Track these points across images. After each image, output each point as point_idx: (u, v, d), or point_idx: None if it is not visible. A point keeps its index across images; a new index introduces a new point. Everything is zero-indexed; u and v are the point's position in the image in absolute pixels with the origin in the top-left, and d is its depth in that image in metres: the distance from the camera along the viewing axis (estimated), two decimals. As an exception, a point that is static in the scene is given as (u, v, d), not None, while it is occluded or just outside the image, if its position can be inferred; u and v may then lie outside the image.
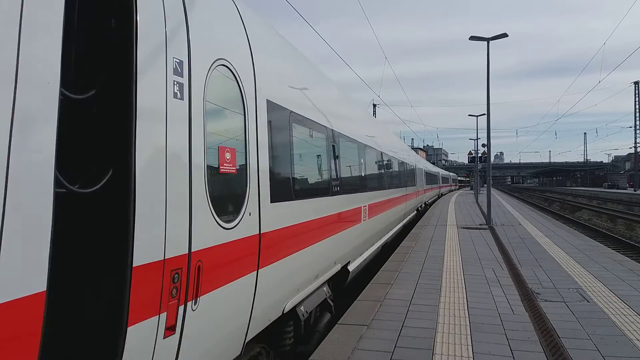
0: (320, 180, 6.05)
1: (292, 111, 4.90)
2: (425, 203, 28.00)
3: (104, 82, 2.44)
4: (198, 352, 3.10)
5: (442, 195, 50.16)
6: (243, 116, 3.71)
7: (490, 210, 18.42)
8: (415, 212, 21.33)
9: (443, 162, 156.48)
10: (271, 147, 4.21)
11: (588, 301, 6.70)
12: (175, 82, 2.81)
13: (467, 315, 6.02)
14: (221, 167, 3.34)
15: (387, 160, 12.24)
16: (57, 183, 2.05)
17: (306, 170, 5.44)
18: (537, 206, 37.84)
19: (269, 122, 4.21)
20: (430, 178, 32.86)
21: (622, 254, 11.65)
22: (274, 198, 4.20)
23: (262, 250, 3.90)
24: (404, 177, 15.77)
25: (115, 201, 2.43)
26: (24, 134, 1.87)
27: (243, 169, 3.66)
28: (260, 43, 4.41)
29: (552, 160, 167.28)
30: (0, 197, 1.77)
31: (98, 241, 2.44)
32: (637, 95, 64.71)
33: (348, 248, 7.33)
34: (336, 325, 5.64)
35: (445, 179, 61.76)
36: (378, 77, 26.54)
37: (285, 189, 4.57)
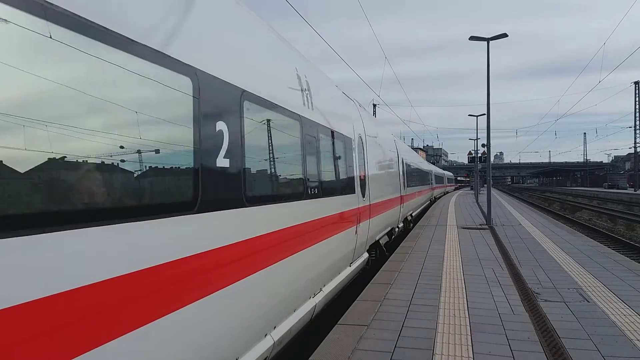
0: None
1: None
2: (407, 218, 17.85)
3: None
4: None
5: (435, 199, 39.81)
6: None
7: (490, 211, 18.42)
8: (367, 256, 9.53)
9: (443, 162, 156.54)
10: None
11: (588, 301, 6.71)
12: None
13: (467, 316, 6.02)
14: None
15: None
16: None
17: None
18: (537, 206, 37.83)
19: None
20: (416, 177, 22.21)
21: (622, 254, 11.64)
22: None
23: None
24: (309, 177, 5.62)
25: None
26: None
27: None
28: None
29: (552, 160, 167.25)
30: None
31: None
32: (637, 95, 64.68)
33: None
34: (336, 325, 5.64)
35: (439, 179, 47.49)
36: (378, 77, 26.52)
37: None
